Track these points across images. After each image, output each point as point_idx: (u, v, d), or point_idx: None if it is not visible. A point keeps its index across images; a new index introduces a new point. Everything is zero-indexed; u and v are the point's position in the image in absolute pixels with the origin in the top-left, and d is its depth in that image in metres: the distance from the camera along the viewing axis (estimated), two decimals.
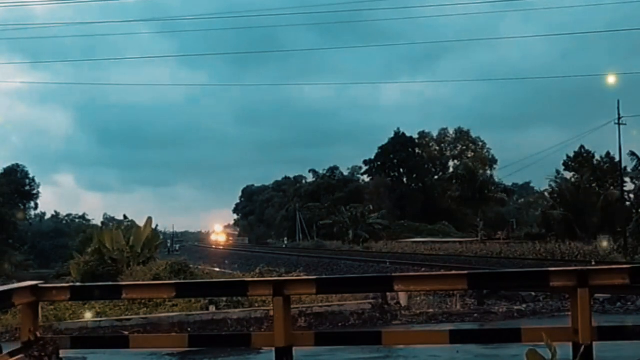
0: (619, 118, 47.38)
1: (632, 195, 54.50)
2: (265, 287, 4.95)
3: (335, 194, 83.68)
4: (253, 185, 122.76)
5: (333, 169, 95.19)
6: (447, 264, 24.82)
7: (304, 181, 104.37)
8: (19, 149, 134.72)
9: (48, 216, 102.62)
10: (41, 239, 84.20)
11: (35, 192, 76.23)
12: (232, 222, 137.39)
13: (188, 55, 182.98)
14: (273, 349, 4.66)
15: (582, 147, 63.57)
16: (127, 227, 37.77)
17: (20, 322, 4.99)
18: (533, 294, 15.38)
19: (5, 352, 4.38)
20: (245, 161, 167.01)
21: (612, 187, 57.43)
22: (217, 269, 31.47)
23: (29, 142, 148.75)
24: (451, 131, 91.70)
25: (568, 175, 64.32)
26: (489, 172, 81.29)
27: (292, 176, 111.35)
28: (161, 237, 44.21)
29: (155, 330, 11.59)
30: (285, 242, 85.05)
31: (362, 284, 5.91)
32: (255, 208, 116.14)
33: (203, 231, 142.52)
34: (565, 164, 64.63)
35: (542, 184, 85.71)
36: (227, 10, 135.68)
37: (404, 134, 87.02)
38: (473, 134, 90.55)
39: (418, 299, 14.21)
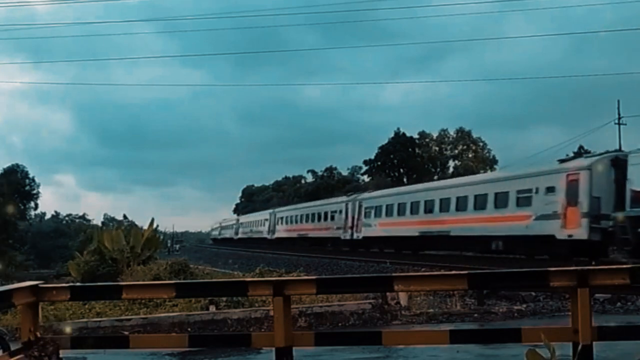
0: (619, 118, 47.21)
1: None
2: (265, 287, 4.96)
3: (335, 193, 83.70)
4: (253, 186, 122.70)
5: (331, 169, 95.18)
6: (447, 264, 24.67)
7: (303, 181, 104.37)
8: (19, 149, 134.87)
9: (48, 216, 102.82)
10: (41, 239, 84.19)
11: (35, 192, 76.24)
12: None
13: (190, 55, 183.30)
14: (273, 349, 4.67)
15: (581, 147, 63.53)
16: (127, 227, 37.82)
17: (20, 322, 4.99)
18: (533, 294, 15.39)
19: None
20: (245, 161, 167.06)
21: None
22: (217, 269, 31.49)
23: (29, 142, 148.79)
24: (452, 131, 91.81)
25: None
26: (489, 172, 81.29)
27: (291, 176, 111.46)
28: (161, 237, 44.19)
29: (155, 330, 11.59)
30: None
31: (362, 284, 5.92)
32: (255, 208, 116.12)
33: (203, 231, 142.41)
34: None
35: None
36: (229, 10, 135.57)
37: (404, 133, 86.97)
38: (474, 134, 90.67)
39: (418, 299, 14.20)
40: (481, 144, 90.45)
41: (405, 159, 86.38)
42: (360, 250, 38.75)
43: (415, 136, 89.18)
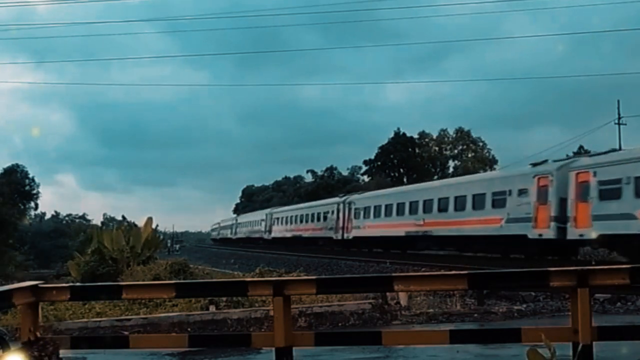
0: (619, 118, 47.40)
1: None
2: (265, 287, 4.96)
3: (334, 194, 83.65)
4: (253, 186, 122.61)
5: (331, 169, 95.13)
6: (447, 264, 24.79)
7: (302, 181, 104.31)
8: (19, 149, 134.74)
9: (48, 216, 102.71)
10: (41, 239, 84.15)
11: (35, 192, 76.06)
12: None
13: (190, 55, 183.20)
14: (273, 349, 4.67)
15: (581, 147, 63.48)
16: (127, 227, 37.78)
17: (20, 322, 4.99)
18: (533, 294, 15.38)
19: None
20: (245, 161, 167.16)
21: None
22: (217, 269, 31.48)
23: (29, 142, 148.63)
24: (451, 131, 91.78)
25: None
26: (489, 172, 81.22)
27: (291, 176, 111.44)
28: (161, 237, 44.20)
29: (155, 330, 11.59)
30: None
31: (362, 284, 5.92)
32: (255, 208, 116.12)
33: (203, 231, 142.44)
34: None
35: None
36: (230, 10, 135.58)
37: (404, 133, 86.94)
38: (474, 134, 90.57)
39: (418, 299, 14.21)
40: (481, 143, 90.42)
41: (405, 159, 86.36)
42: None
43: (415, 136, 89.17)
